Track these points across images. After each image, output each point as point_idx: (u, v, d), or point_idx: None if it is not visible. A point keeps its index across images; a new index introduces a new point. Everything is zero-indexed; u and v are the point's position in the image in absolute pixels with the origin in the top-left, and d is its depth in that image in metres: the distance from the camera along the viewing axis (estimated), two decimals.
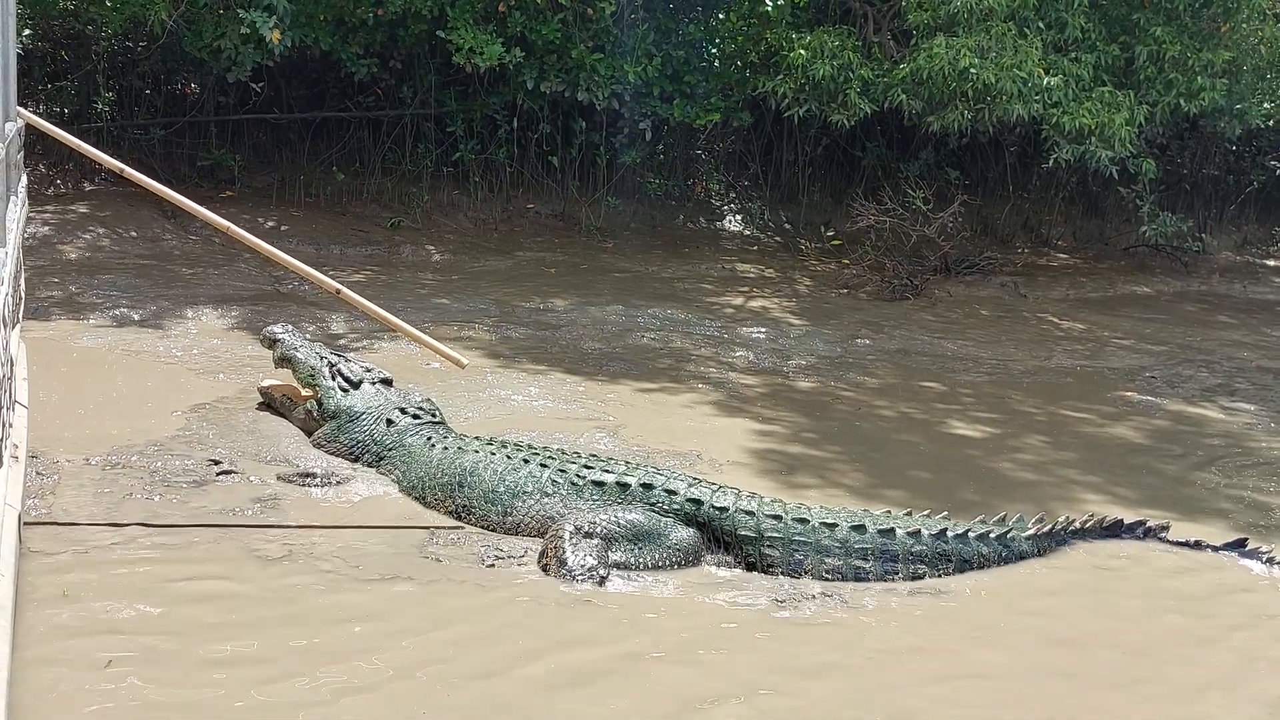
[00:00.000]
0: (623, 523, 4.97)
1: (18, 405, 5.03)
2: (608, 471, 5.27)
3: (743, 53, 13.85)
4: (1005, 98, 11.20)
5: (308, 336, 7.14)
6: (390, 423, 6.02)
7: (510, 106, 13.39)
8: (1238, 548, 5.56)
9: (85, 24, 12.44)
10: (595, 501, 5.13)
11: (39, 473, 5.24)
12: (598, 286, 11.47)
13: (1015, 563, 5.27)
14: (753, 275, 12.99)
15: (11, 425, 4.46)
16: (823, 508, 5.29)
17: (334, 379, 6.34)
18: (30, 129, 7.25)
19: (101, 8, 11.89)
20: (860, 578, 4.97)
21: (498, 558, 4.88)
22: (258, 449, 6.00)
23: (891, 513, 5.37)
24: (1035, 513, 5.67)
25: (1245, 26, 12.25)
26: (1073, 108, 11.43)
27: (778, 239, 14.57)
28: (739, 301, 11.68)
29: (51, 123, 7.95)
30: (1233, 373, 10.14)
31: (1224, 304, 14.06)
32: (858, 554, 5.01)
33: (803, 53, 11.89)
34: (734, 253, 13.85)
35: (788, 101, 12.33)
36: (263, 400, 6.76)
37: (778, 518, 5.06)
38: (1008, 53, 11.14)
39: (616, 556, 4.85)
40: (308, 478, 5.62)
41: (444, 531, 5.15)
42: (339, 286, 7.02)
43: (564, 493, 5.20)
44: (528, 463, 5.38)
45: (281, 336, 6.71)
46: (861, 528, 5.05)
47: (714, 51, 14.29)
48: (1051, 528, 5.47)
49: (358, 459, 5.95)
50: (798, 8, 13.67)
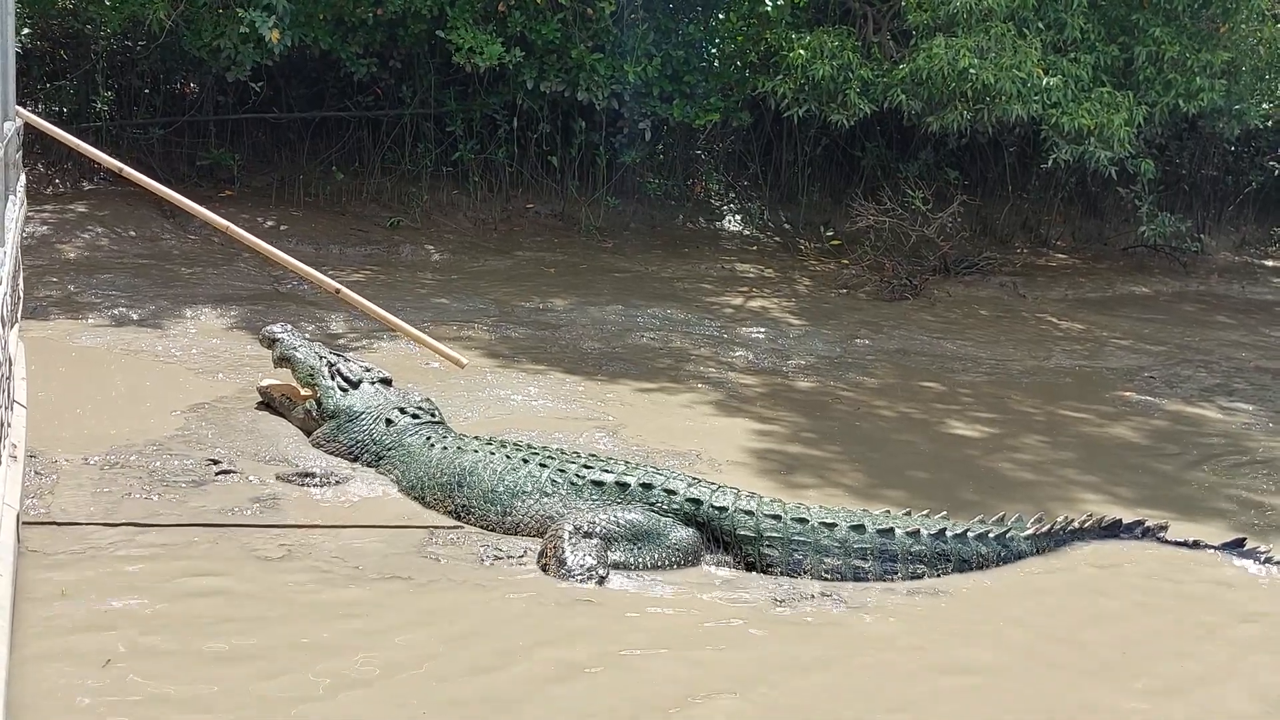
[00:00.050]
0: (622, 522, 4.97)
1: (16, 405, 5.03)
2: (607, 471, 5.28)
3: (742, 53, 13.86)
4: (1004, 98, 11.21)
5: (307, 336, 7.14)
6: (389, 422, 6.02)
7: (510, 106, 13.39)
8: (1236, 547, 5.57)
9: (84, 23, 12.44)
10: (594, 501, 5.13)
11: (37, 472, 5.24)
12: (597, 286, 11.47)
13: (1014, 563, 5.28)
14: (752, 275, 12.99)
15: (10, 425, 4.46)
16: (822, 507, 5.29)
17: (333, 379, 6.34)
18: (29, 128, 7.25)
19: (100, 7, 11.89)
20: (859, 578, 4.98)
21: (497, 557, 4.89)
22: (257, 449, 6.00)
23: (890, 513, 5.37)
24: (1034, 513, 5.68)
25: (1244, 27, 12.26)
26: (1072, 108, 11.44)
27: (777, 239, 14.57)
28: (738, 301, 11.68)
29: (50, 122, 7.95)
30: (1231, 373, 10.15)
31: (1222, 304, 14.07)
32: (857, 554, 5.02)
33: (802, 53, 11.89)
34: (733, 253, 13.85)
35: (787, 101, 12.33)
36: (262, 400, 6.76)
37: (777, 517, 5.06)
38: (1007, 53, 11.14)
39: (616, 556, 4.86)
40: (307, 477, 5.62)
41: (443, 531, 5.15)
42: (338, 286, 7.02)
43: (563, 492, 5.20)
44: (527, 462, 5.38)
45: (280, 336, 6.71)
46: (860, 527, 5.06)
47: (714, 51, 14.29)
48: (1050, 528, 5.47)
49: (357, 459, 5.95)
50: (797, 8, 13.67)
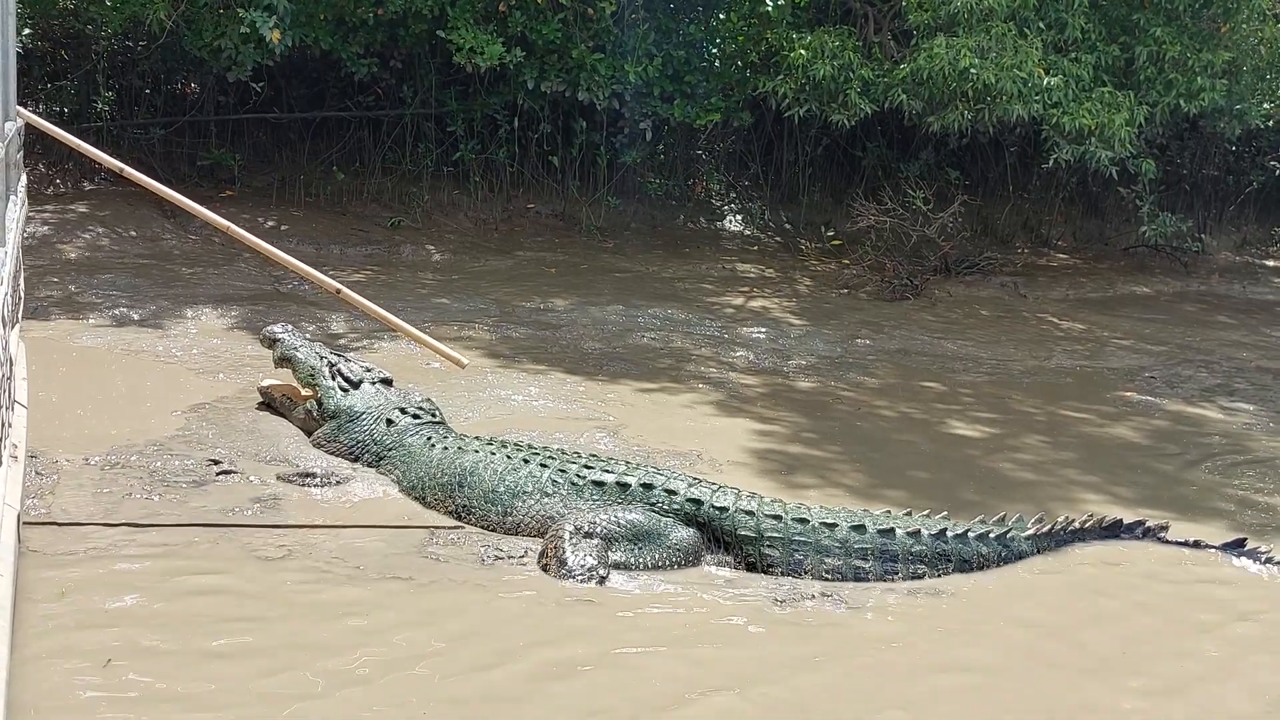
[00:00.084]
0: (623, 523, 4.97)
1: (17, 405, 5.02)
2: (608, 471, 5.28)
3: (743, 53, 13.85)
4: (1005, 98, 11.20)
5: (307, 336, 7.14)
6: (390, 423, 6.02)
7: (510, 106, 13.38)
8: (1237, 547, 5.57)
9: (85, 23, 12.44)
10: (595, 501, 5.13)
11: (38, 472, 5.25)
12: (598, 286, 11.47)
13: (1015, 563, 5.27)
14: (753, 275, 12.98)
15: (11, 425, 4.46)
16: (822, 508, 5.29)
17: (334, 379, 6.34)
18: (30, 128, 7.25)
19: (101, 7, 11.89)
20: (860, 578, 4.98)
21: (497, 557, 4.89)
22: (257, 449, 6.00)
23: (891, 513, 5.37)
24: (1035, 513, 5.68)
25: (1245, 27, 12.25)
26: (1073, 108, 11.43)
27: (778, 239, 14.56)
28: (739, 301, 11.68)
29: (51, 122, 7.95)
30: (1232, 373, 10.14)
31: (1223, 304, 14.06)
32: (857, 554, 5.02)
33: (803, 53, 11.88)
34: (734, 253, 13.84)
35: (788, 101, 12.33)
36: (262, 400, 6.76)
37: (778, 518, 5.06)
38: (1008, 53, 11.14)
39: (616, 556, 4.86)
40: (307, 477, 5.62)
41: (444, 531, 5.15)
42: (339, 286, 7.02)
43: (564, 493, 5.20)
44: (528, 463, 5.38)
45: (281, 336, 6.71)
46: (861, 528, 5.06)
47: (714, 51, 14.28)
48: (1051, 528, 5.47)
49: (357, 459, 5.94)
50: (798, 8, 13.66)
